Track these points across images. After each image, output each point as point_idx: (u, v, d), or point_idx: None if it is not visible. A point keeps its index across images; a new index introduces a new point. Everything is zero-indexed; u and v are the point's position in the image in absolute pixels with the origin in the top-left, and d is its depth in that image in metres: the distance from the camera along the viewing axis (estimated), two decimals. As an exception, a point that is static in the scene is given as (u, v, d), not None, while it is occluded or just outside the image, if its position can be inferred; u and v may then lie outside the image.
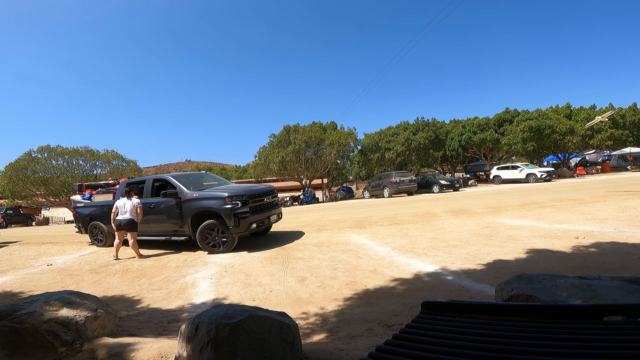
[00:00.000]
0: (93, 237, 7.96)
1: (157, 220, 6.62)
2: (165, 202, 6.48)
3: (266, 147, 29.13)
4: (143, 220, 6.57)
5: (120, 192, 7.18)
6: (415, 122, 30.66)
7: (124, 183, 7.38)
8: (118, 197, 7.11)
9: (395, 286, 3.39)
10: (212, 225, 5.97)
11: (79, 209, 8.18)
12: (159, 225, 6.64)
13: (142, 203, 6.55)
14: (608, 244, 4.03)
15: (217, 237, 6.02)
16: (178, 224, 6.34)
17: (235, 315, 1.72)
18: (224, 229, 5.93)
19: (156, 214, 6.61)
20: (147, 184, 7.02)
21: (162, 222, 6.57)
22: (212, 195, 6.11)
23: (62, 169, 28.37)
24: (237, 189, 6.30)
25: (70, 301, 2.41)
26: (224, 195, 5.95)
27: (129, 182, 7.32)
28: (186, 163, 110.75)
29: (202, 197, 6.13)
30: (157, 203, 6.62)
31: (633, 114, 26.94)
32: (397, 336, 1.14)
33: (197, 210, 6.09)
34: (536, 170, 21.41)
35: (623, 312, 1.10)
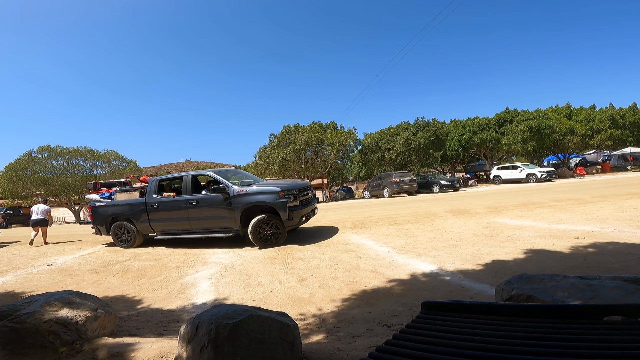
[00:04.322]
0: (117, 238, 7.37)
1: (201, 217, 6.53)
2: (212, 198, 6.43)
3: (266, 147, 29.14)
4: (181, 217, 6.55)
5: (153, 189, 6.96)
6: (416, 122, 30.67)
7: (155, 180, 7.12)
8: (150, 195, 6.91)
9: (395, 286, 3.39)
10: (265, 220, 6.08)
11: (100, 208, 7.54)
12: (203, 222, 6.54)
13: (182, 200, 6.56)
14: (608, 244, 4.03)
15: (269, 232, 6.13)
16: (226, 220, 6.33)
17: (235, 315, 1.72)
18: (276, 223, 6.09)
19: (200, 211, 6.50)
20: (186, 180, 6.85)
21: (207, 219, 6.49)
22: (264, 190, 6.22)
23: (62, 169, 28.36)
24: (286, 184, 6.48)
25: (71, 301, 2.41)
26: (277, 190, 6.09)
27: (161, 179, 7.16)
28: (186, 163, 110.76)
29: (254, 192, 6.22)
30: (200, 200, 6.53)
31: (633, 114, 26.92)
32: (397, 336, 1.14)
33: (248, 205, 6.17)
34: (536, 170, 21.40)
35: (623, 312, 1.10)
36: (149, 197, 6.93)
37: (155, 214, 6.87)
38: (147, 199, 6.94)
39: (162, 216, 6.84)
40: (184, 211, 6.59)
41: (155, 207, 6.84)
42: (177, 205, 6.69)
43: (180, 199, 6.70)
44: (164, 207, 6.80)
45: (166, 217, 6.82)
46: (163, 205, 6.81)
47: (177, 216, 6.70)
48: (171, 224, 6.83)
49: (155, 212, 6.87)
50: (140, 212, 6.97)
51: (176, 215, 6.71)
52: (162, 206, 6.81)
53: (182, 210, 6.63)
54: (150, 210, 6.89)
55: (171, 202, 6.76)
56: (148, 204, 6.91)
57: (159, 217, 6.86)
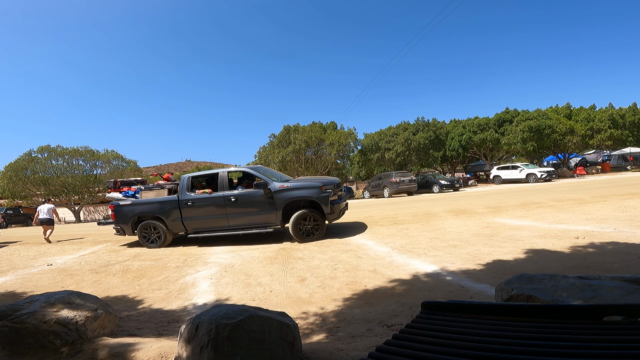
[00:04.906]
0: (145, 238, 7.07)
1: (240, 214, 6.51)
2: (252, 194, 6.44)
3: (266, 147, 29.15)
4: (219, 214, 6.51)
5: (186, 186, 6.82)
6: (416, 122, 30.67)
7: (187, 177, 6.96)
8: (183, 192, 6.77)
9: (395, 286, 3.39)
10: (306, 214, 6.21)
11: (124, 207, 7.17)
12: (242, 219, 6.53)
13: (219, 196, 6.53)
14: (608, 244, 4.03)
15: (309, 226, 6.26)
16: (267, 216, 6.38)
17: (235, 315, 1.72)
18: (317, 217, 6.25)
19: (240, 207, 6.48)
20: (222, 177, 6.78)
21: (247, 215, 6.49)
22: (306, 184, 6.38)
23: (62, 169, 28.38)
24: (323, 180, 6.64)
25: (71, 301, 2.41)
26: (319, 184, 6.30)
27: (194, 176, 7.05)
28: (186, 163, 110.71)
29: (295, 187, 6.35)
30: (240, 196, 6.51)
31: (633, 114, 26.93)
32: (397, 336, 1.14)
33: (290, 200, 6.27)
34: (536, 170, 21.41)
35: (623, 312, 1.10)
36: (182, 194, 6.76)
37: (189, 211, 6.70)
38: (180, 196, 6.78)
39: (197, 214, 6.69)
40: (222, 208, 6.53)
41: (190, 205, 6.67)
42: (215, 202, 6.60)
43: (217, 195, 6.62)
44: (200, 204, 6.66)
45: (202, 215, 6.68)
46: (199, 202, 6.66)
47: (214, 213, 6.61)
48: (207, 222, 6.69)
49: (189, 210, 6.69)
50: (172, 210, 6.77)
51: (213, 212, 6.62)
52: (198, 203, 6.66)
53: (219, 207, 6.57)
54: (183, 207, 6.71)
55: (208, 199, 6.65)
56: (181, 201, 6.73)
57: (194, 214, 6.70)
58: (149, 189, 7.53)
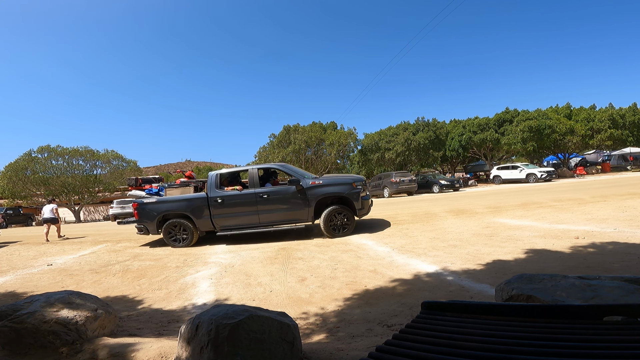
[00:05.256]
0: (171, 237, 6.84)
1: (272, 210, 6.54)
2: (284, 190, 6.50)
3: (266, 147, 29.17)
4: (250, 211, 6.51)
5: (215, 183, 6.74)
6: (416, 122, 30.68)
7: (215, 174, 6.90)
8: (212, 189, 6.68)
9: (395, 286, 3.39)
10: (336, 210, 6.37)
11: (149, 205, 6.87)
12: (274, 215, 6.58)
13: (251, 193, 6.55)
14: (608, 244, 4.03)
15: (339, 221, 6.40)
16: (299, 212, 6.45)
17: (235, 315, 1.72)
18: (346, 213, 6.40)
19: (271, 204, 6.50)
20: (252, 174, 6.76)
21: (279, 212, 6.53)
22: (338, 181, 6.56)
23: (62, 169, 28.40)
24: (353, 177, 6.85)
25: (71, 301, 2.41)
26: (350, 181, 6.52)
27: (222, 173, 7.02)
28: (186, 163, 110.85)
29: (328, 183, 6.49)
30: (271, 192, 6.53)
31: (633, 114, 26.93)
32: (397, 336, 1.14)
33: (322, 196, 6.38)
34: (536, 170, 21.41)
35: (623, 312, 1.10)
36: (211, 191, 6.68)
37: (218, 209, 6.61)
38: (209, 193, 6.69)
39: (227, 211, 6.62)
40: (253, 205, 6.53)
41: (220, 202, 6.60)
42: (246, 199, 6.58)
43: (249, 192, 6.60)
44: (230, 201, 6.61)
45: (232, 212, 6.62)
46: (229, 199, 6.61)
47: (245, 210, 6.59)
48: (237, 219, 6.65)
49: (218, 207, 6.61)
50: (201, 208, 6.65)
51: (244, 209, 6.59)
52: (228, 200, 6.60)
53: (250, 204, 6.56)
54: (212, 205, 6.62)
55: (239, 196, 6.62)
56: (211, 198, 6.64)
57: (224, 212, 6.62)
58: (173, 186, 7.35)
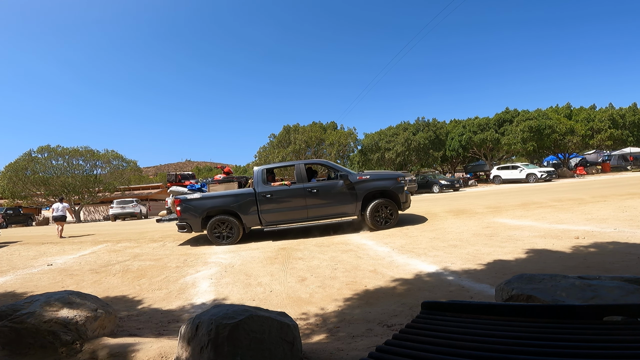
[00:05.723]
0: (215, 235, 6.66)
1: (321, 205, 6.65)
2: (333, 185, 6.64)
3: (266, 147, 29.17)
4: (298, 206, 6.59)
5: (262, 179, 6.75)
6: (416, 122, 30.69)
7: (261, 169, 6.91)
8: (259, 185, 6.68)
9: (395, 286, 3.39)
10: (382, 204, 6.61)
11: (194, 201, 6.71)
12: (322, 210, 6.67)
13: (300, 188, 6.65)
14: (608, 244, 4.03)
15: (384, 215, 6.65)
16: (348, 206, 6.61)
17: (235, 315, 1.72)
18: (391, 206, 6.66)
19: (320, 199, 6.62)
20: (299, 169, 6.84)
21: (328, 206, 6.66)
22: (384, 176, 6.86)
23: (62, 169, 28.40)
24: (396, 173, 7.23)
25: (71, 301, 2.41)
26: (395, 176, 6.84)
27: (268, 168, 7.07)
28: (186, 163, 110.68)
29: (375, 178, 6.74)
30: (320, 187, 6.67)
31: (633, 114, 26.93)
32: (397, 336, 1.14)
33: (370, 190, 6.58)
34: (536, 170, 21.42)
35: (623, 312, 1.10)
36: (259, 186, 6.67)
37: (267, 204, 6.61)
38: (256, 188, 6.66)
39: (276, 206, 6.64)
40: (302, 199, 6.60)
41: (268, 197, 6.59)
42: (295, 194, 6.64)
43: (297, 187, 6.68)
44: (279, 196, 6.63)
45: (281, 207, 6.65)
46: (278, 194, 6.63)
47: (294, 205, 6.65)
48: (286, 214, 6.68)
49: (267, 203, 6.60)
50: (248, 204, 6.59)
51: (293, 204, 6.65)
52: (277, 195, 6.62)
53: (299, 199, 6.63)
54: (260, 200, 6.60)
55: (288, 190, 6.68)
56: (258, 194, 6.61)
57: (272, 207, 6.63)
58: (217, 182, 7.27)
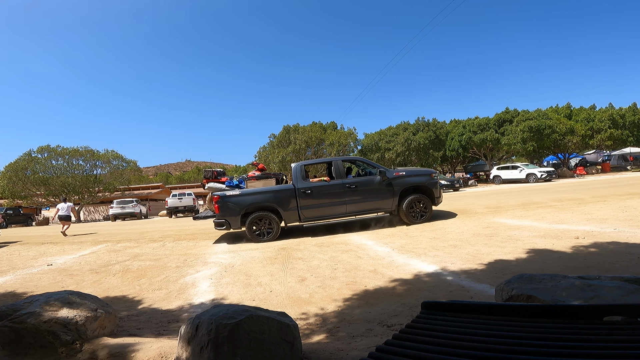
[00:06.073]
0: (254, 232, 6.62)
1: (359, 200, 6.80)
2: (371, 181, 6.79)
3: (266, 147, 29.17)
4: (337, 201, 6.71)
5: (301, 175, 6.84)
6: (416, 122, 30.69)
7: (300, 165, 7.01)
8: (298, 180, 6.78)
9: (395, 286, 3.39)
10: (416, 199, 6.79)
11: (233, 198, 6.66)
12: (360, 205, 6.82)
13: (339, 184, 6.77)
14: (608, 244, 4.03)
15: (419, 210, 6.83)
16: (384, 201, 6.79)
17: (235, 315, 1.72)
18: (425, 201, 6.85)
19: (358, 194, 6.75)
20: (337, 165, 7.01)
21: (366, 201, 6.81)
22: (419, 172, 7.09)
23: (62, 169, 28.40)
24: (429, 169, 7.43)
25: (71, 301, 2.41)
26: (429, 172, 7.07)
27: (305, 164, 7.20)
28: (186, 163, 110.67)
29: (410, 174, 6.96)
30: (359, 183, 6.80)
31: (633, 114, 26.93)
32: (397, 336, 1.14)
33: (406, 186, 6.76)
34: (536, 170, 21.42)
35: (623, 312, 1.10)
36: (298, 182, 6.77)
37: (306, 200, 6.69)
38: (296, 184, 6.75)
39: (315, 202, 6.74)
40: (341, 195, 6.71)
41: (308, 193, 6.68)
42: (334, 190, 6.76)
43: (337, 183, 6.80)
44: (319, 192, 6.74)
45: (320, 203, 6.76)
46: (317, 190, 6.73)
47: (333, 200, 6.76)
48: (325, 209, 6.79)
49: (306, 198, 6.69)
50: (288, 200, 6.66)
51: (332, 199, 6.76)
52: (316, 191, 6.72)
53: (338, 194, 6.74)
54: (300, 196, 6.67)
55: (327, 186, 6.78)
56: (298, 189, 6.69)
57: (312, 203, 6.73)
58: (255, 178, 7.29)
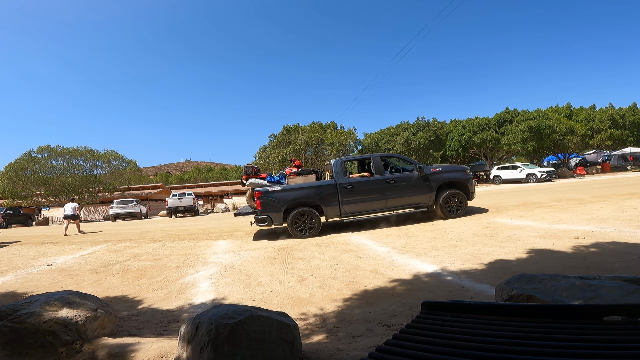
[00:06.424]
0: (297, 228, 6.68)
1: (399, 195, 6.94)
2: (409, 176, 6.96)
3: (266, 147, 29.16)
4: (377, 197, 6.85)
5: (341, 170, 6.99)
6: (416, 122, 30.69)
7: (340, 161, 7.13)
8: (339, 176, 6.89)
9: (395, 286, 3.39)
10: (452, 194, 6.95)
11: (276, 194, 6.70)
12: (399, 200, 6.99)
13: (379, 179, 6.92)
14: (608, 244, 4.03)
15: (454, 205, 6.99)
16: (423, 196, 6.96)
17: (235, 315, 1.72)
18: (460, 196, 7.00)
19: (398, 189, 6.91)
20: (377, 161, 7.15)
21: (405, 196, 6.97)
22: (455, 168, 7.35)
23: (62, 169, 28.40)
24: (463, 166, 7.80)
25: (71, 301, 2.41)
26: (464, 168, 7.29)
27: (345, 160, 7.35)
28: (186, 163, 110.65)
29: (447, 170, 7.25)
30: (398, 178, 6.96)
31: (633, 114, 26.93)
32: (397, 336, 1.14)
33: (443, 181, 6.92)
34: (536, 170, 21.42)
35: (623, 312, 1.10)
36: (340, 178, 6.88)
37: (347, 195, 6.80)
38: (337, 180, 6.85)
39: (356, 197, 6.86)
40: (381, 190, 6.85)
41: (350, 188, 6.80)
42: (375, 185, 6.89)
43: (377, 178, 6.94)
44: (360, 187, 6.86)
45: (361, 198, 6.89)
46: (358, 185, 6.86)
47: (373, 195, 6.89)
48: (365, 204, 6.92)
49: (348, 194, 6.79)
50: (330, 195, 6.75)
51: (372, 195, 6.89)
52: (357, 187, 6.84)
53: (378, 190, 6.87)
54: (341, 191, 6.77)
55: (368, 182, 6.91)
56: (339, 185, 6.79)
57: (353, 198, 6.85)
58: (295, 174, 7.37)
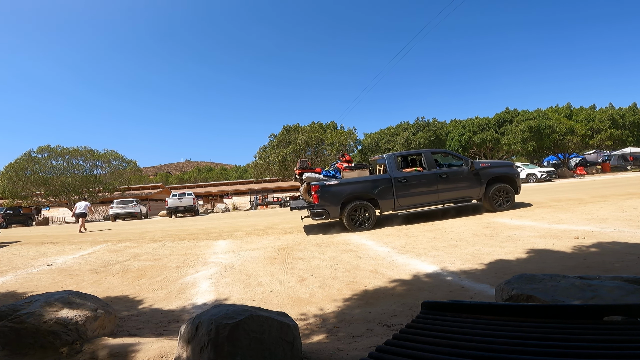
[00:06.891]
0: (353, 221, 6.78)
1: (450, 189, 7.16)
2: (461, 171, 7.16)
3: (266, 147, 29.17)
4: (430, 190, 7.06)
5: (395, 165, 7.20)
6: (416, 122, 30.71)
7: (393, 155, 7.35)
8: (394, 170, 7.08)
9: (395, 286, 3.39)
10: (501, 188, 7.20)
11: (333, 187, 6.81)
12: (451, 194, 7.19)
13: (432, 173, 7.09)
14: (608, 244, 4.03)
15: (502, 198, 7.22)
16: (473, 190, 7.18)
17: (235, 315, 1.72)
18: (508, 190, 7.22)
19: (450, 183, 7.09)
20: (428, 156, 7.38)
21: (456, 190, 7.18)
22: (502, 163, 7.68)
23: (62, 169, 28.40)
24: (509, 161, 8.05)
25: (71, 301, 2.41)
26: (511, 164, 7.65)
27: (397, 155, 7.55)
28: (186, 163, 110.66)
29: (495, 165, 7.50)
30: (450, 173, 7.17)
31: (633, 114, 26.93)
32: (397, 336, 1.14)
33: (492, 176, 7.13)
34: (536, 170, 21.42)
35: (623, 312, 1.10)
36: (394, 172, 7.07)
37: (402, 189, 7.00)
38: (392, 174, 7.04)
39: (410, 191, 7.06)
40: (434, 184, 7.04)
41: (404, 182, 6.99)
42: (428, 179, 7.07)
43: (430, 172, 7.13)
44: (413, 181, 7.06)
45: (414, 192, 7.08)
46: (412, 179, 7.05)
47: (426, 189, 7.07)
48: (418, 198, 7.12)
49: (402, 187, 6.99)
50: (386, 189, 6.94)
51: (425, 188, 7.08)
52: (411, 181, 7.04)
53: (431, 184, 7.06)
54: (396, 185, 6.95)
55: (421, 176, 7.09)
56: (394, 179, 6.97)
57: (407, 192, 7.04)
58: (350, 168, 7.52)
